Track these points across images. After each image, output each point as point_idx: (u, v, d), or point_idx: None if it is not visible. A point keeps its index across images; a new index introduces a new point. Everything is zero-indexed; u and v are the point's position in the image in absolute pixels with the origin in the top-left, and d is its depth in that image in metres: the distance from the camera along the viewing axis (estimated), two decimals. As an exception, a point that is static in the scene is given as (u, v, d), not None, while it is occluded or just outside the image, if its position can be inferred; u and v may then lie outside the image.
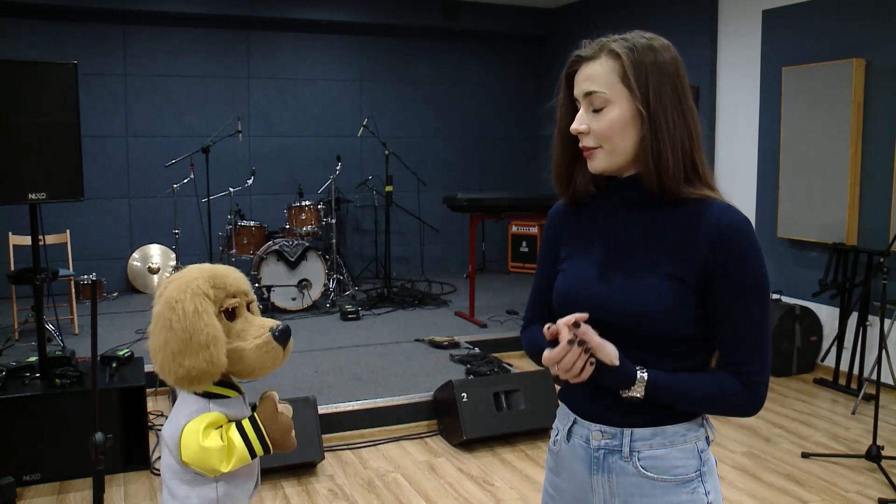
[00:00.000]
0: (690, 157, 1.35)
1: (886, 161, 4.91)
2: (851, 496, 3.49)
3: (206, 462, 1.60)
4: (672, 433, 1.39)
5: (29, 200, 3.62)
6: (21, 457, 3.55)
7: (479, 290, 6.99)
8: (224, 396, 1.69)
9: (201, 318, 1.58)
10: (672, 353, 1.37)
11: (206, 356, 1.57)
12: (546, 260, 1.57)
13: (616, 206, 1.45)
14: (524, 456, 3.96)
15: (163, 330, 1.59)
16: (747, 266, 1.32)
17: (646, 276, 1.36)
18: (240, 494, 1.71)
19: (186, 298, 1.59)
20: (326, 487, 3.60)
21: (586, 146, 1.40)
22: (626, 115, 1.35)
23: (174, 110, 7.46)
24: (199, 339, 1.57)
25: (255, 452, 1.64)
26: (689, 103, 1.37)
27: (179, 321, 1.57)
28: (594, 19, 7.88)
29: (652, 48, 1.36)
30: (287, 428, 1.68)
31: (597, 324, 1.38)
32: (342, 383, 4.63)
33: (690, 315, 1.35)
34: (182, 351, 1.57)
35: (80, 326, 5.80)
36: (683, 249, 1.35)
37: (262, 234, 6.80)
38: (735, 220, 1.33)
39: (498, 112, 8.78)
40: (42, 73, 3.63)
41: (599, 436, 1.43)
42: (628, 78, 1.33)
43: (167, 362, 1.59)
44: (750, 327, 1.34)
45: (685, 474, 1.39)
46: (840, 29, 5.18)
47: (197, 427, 1.60)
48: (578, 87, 1.39)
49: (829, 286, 5.01)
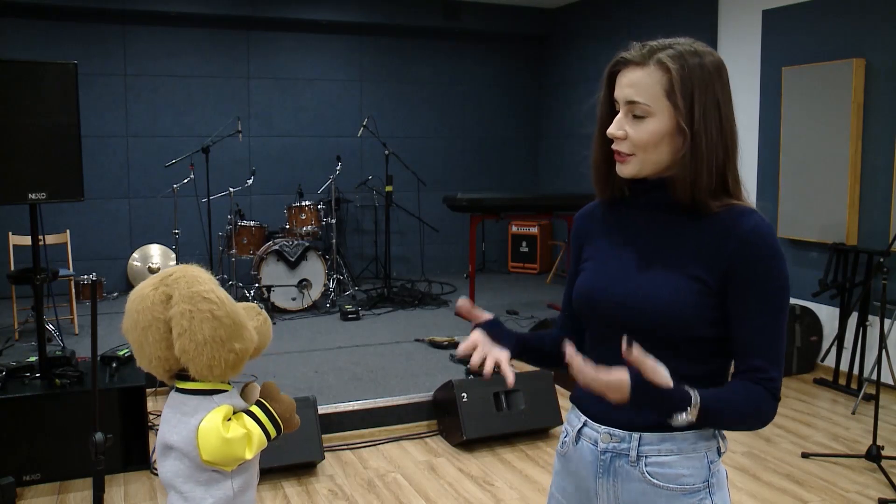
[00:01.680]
0: (722, 172, 1.34)
1: (886, 161, 4.91)
2: (851, 496, 3.49)
3: (232, 453, 1.62)
4: (682, 440, 1.36)
5: (29, 200, 3.61)
6: (21, 457, 3.55)
7: (479, 290, 6.99)
8: (222, 390, 1.71)
9: (232, 301, 1.68)
10: (689, 354, 1.35)
11: (248, 335, 1.67)
12: (572, 268, 1.57)
13: (640, 209, 1.44)
14: (524, 456, 3.96)
15: (204, 322, 1.60)
16: (769, 270, 1.31)
17: (667, 276, 1.36)
18: (250, 490, 1.74)
19: (214, 287, 1.66)
20: (326, 487, 3.60)
21: (620, 151, 1.38)
22: (666, 129, 1.33)
23: (174, 110, 7.46)
24: (240, 321, 1.66)
25: (270, 434, 1.71)
26: (731, 116, 1.35)
27: (220, 308, 1.62)
28: (594, 19, 7.88)
29: (699, 56, 1.34)
30: (292, 406, 1.77)
31: (615, 323, 1.39)
32: (342, 383, 4.63)
33: (710, 317, 1.33)
34: (231, 336, 1.62)
35: (80, 326, 5.80)
36: (705, 251, 1.34)
37: (262, 234, 6.80)
38: (758, 223, 1.32)
39: (498, 112, 8.78)
40: (42, 73, 3.63)
41: (608, 438, 1.40)
42: (675, 93, 1.31)
43: (218, 352, 1.61)
44: (770, 332, 1.32)
45: (692, 484, 1.36)
46: (840, 29, 5.18)
47: (215, 422, 1.62)
48: (621, 90, 1.36)
49: (829, 286, 5.01)
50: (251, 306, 1.79)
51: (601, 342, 1.45)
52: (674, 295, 1.33)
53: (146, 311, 1.63)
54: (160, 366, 1.66)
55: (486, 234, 8.79)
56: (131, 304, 1.67)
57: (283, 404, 1.75)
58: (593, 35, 7.91)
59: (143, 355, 1.67)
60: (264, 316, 1.81)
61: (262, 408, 1.72)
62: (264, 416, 1.70)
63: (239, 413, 1.70)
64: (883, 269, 4.00)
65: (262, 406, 1.73)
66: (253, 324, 1.73)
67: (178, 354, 1.62)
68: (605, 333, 1.43)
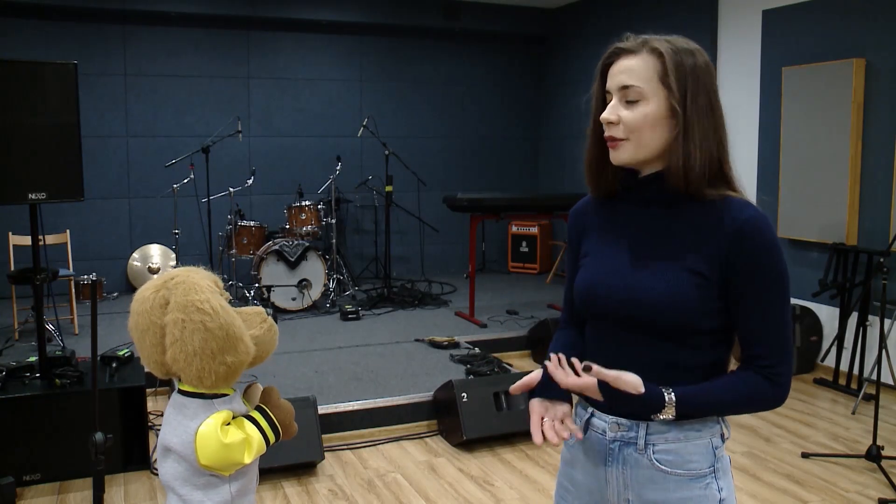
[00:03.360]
0: (717, 162, 1.38)
1: (886, 161, 4.91)
2: (851, 496, 3.49)
3: (230, 458, 1.62)
4: (688, 427, 1.40)
5: (29, 200, 3.61)
6: (21, 457, 3.55)
7: (479, 290, 6.99)
8: (224, 395, 1.70)
9: (228, 313, 1.63)
10: (689, 346, 1.38)
11: (243, 348, 1.63)
12: (572, 260, 1.59)
13: (637, 203, 1.46)
14: (524, 456, 3.96)
15: (195, 333, 1.58)
16: (767, 260, 1.34)
17: (666, 269, 1.38)
18: (249, 494, 1.73)
19: (210, 297, 1.61)
20: (326, 487, 3.60)
21: (613, 136, 1.39)
22: (660, 112, 1.35)
23: (174, 110, 7.46)
24: (234, 333, 1.61)
25: (270, 440, 1.70)
26: (721, 112, 1.39)
27: (213, 319, 1.58)
28: (594, 19, 7.88)
29: (692, 53, 1.37)
30: (291, 412, 1.76)
31: (616, 317, 1.42)
32: (342, 383, 4.63)
33: (710, 308, 1.36)
34: (223, 348, 1.59)
35: (80, 326, 5.80)
36: (704, 244, 1.37)
37: (262, 234, 6.80)
38: (754, 214, 1.35)
39: (498, 112, 8.78)
40: (42, 73, 3.63)
41: (616, 427, 1.44)
42: (668, 77, 1.34)
43: (208, 364, 1.59)
44: (770, 320, 1.35)
45: (699, 469, 1.40)
46: (840, 29, 5.18)
47: (214, 428, 1.62)
48: (614, 78, 1.39)
49: (829, 286, 5.01)
50: (257, 312, 1.74)
51: (602, 336, 1.48)
52: (674, 287, 1.35)
53: (145, 315, 1.62)
54: (157, 369, 1.66)
55: (486, 234, 8.79)
56: (133, 304, 1.67)
57: (283, 411, 1.75)
58: (593, 35, 7.91)
59: (143, 356, 1.68)
60: (269, 323, 1.75)
61: (262, 413, 1.72)
62: (265, 421, 1.70)
63: (239, 418, 1.69)
64: (883, 269, 4.00)
65: (262, 411, 1.72)
66: (255, 332, 1.70)
67: (169, 362, 1.61)
68: (606, 327, 1.46)
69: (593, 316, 1.49)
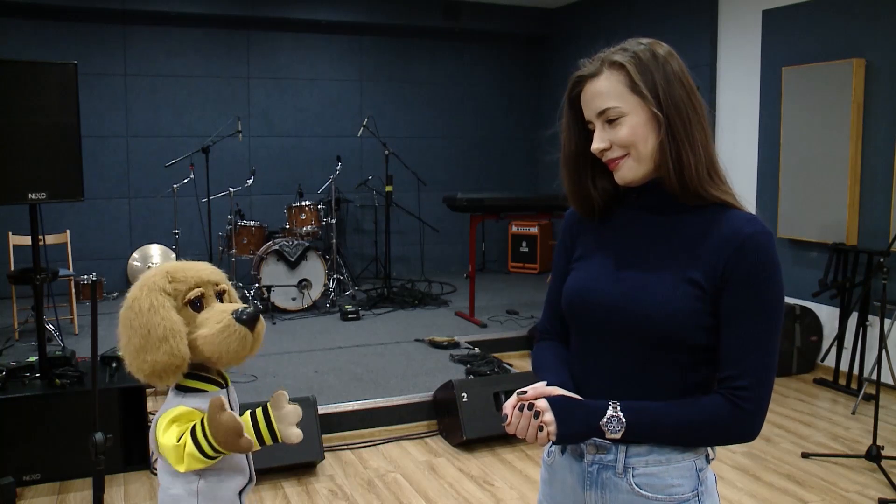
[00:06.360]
0: (708, 153, 1.34)
1: (886, 161, 4.91)
2: (851, 496, 3.49)
3: (167, 457, 1.61)
4: (669, 451, 1.34)
5: (29, 200, 3.61)
6: (21, 457, 3.55)
7: (479, 290, 6.99)
8: (200, 391, 1.69)
9: (157, 312, 1.61)
10: (676, 362, 1.33)
11: (165, 349, 1.59)
12: (561, 266, 1.52)
13: (634, 211, 1.42)
14: (524, 456, 3.96)
15: (125, 329, 1.64)
16: (763, 279, 1.29)
17: (661, 278, 1.33)
18: (223, 490, 1.69)
19: (142, 296, 1.64)
20: (326, 487, 3.60)
21: (612, 158, 1.36)
22: (643, 121, 1.32)
23: (174, 110, 7.46)
24: (156, 334, 1.59)
25: (207, 453, 1.55)
26: (698, 98, 1.35)
27: (137, 318, 1.62)
28: (594, 19, 7.88)
29: (652, 52, 1.34)
30: (230, 429, 1.51)
31: (606, 326, 1.36)
32: (342, 383, 4.63)
33: (701, 322, 1.30)
34: (143, 347, 1.60)
35: (80, 326, 5.80)
36: (702, 254, 1.32)
37: (262, 234, 6.80)
38: (759, 230, 1.30)
39: (498, 112, 8.78)
40: (42, 73, 3.63)
41: (594, 450, 1.38)
42: (637, 85, 1.31)
43: (133, 360, 1.64)
44: (751, 341, 1.28)
45: (681, 494, 1.34)
46: (840, 29, 5.18)
47: (161, 422, 1.63)
48: (589, 107, 1.36)
49: (829, 286, 5.01)
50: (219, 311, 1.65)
51: (589, 344, 1.42)
52: (670, 296, 1.31)
53: None
54: None
55: (486, 234, 8.79)
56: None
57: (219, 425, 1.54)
58: (593, 35, 7.90)
59: None
60: (225, 325, 1.61)
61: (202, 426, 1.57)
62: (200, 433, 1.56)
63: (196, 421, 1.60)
64: (883, 269, 4.00)
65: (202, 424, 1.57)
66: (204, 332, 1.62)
67: None
68: (594, 335, 1.40)
69: (580, 322, 1.42)
